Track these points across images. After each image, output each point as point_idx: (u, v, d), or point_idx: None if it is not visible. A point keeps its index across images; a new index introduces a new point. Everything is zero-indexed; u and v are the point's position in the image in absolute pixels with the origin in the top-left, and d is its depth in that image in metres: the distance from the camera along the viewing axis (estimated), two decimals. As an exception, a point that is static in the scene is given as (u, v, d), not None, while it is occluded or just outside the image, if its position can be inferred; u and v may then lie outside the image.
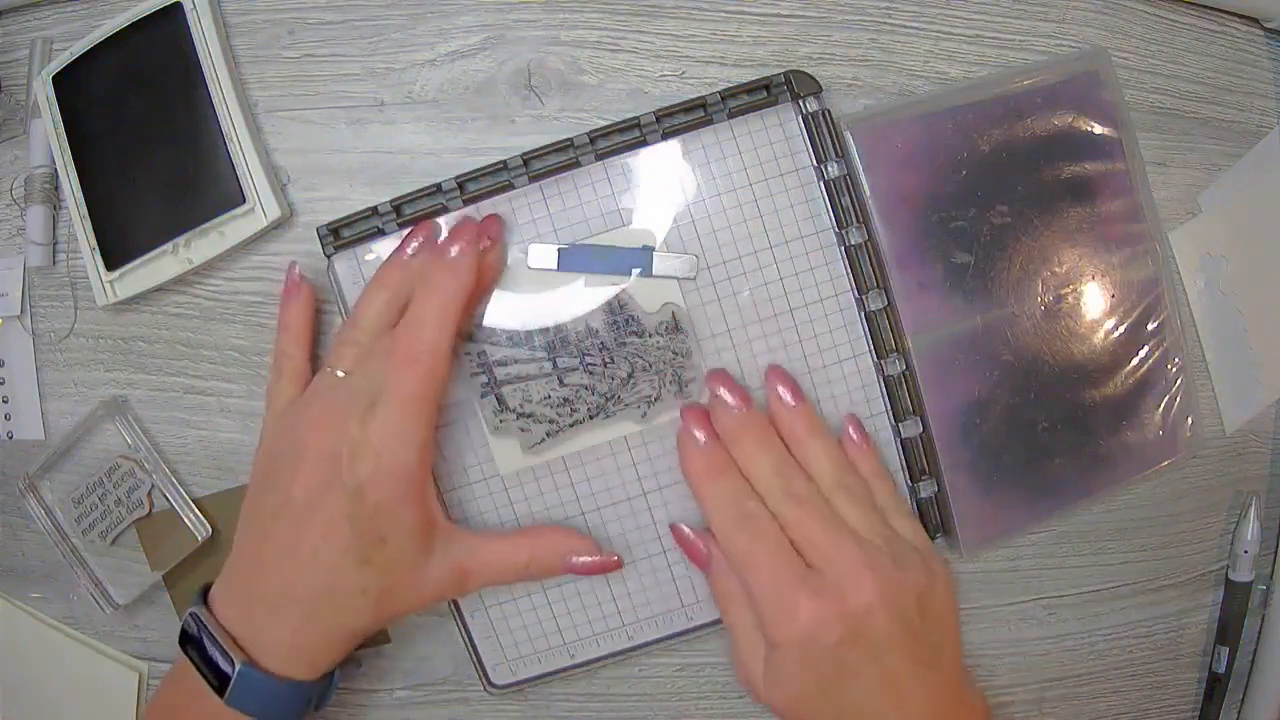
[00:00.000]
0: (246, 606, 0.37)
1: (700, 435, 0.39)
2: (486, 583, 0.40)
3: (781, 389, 0.40)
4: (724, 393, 0.39)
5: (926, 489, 0.43)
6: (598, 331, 0.41)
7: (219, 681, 0.35)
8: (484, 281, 0.40)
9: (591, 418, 0.41)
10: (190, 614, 0.37)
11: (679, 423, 0.40)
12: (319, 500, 0.36)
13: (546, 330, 0.41)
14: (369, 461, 0.35)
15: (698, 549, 0.40)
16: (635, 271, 0.41)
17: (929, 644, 0.38)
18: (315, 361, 0.41)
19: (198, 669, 0.36)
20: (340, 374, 0.38)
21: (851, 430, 0.42)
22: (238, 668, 0.35)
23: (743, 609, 0.39)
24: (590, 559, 0.40)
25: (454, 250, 0.38)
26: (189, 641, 0.37)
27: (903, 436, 0.43)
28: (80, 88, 0.41)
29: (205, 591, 0.38)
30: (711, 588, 0.41)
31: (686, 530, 0.41)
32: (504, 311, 0.41)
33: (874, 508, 0.40)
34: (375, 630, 0.38)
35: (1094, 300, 0.43)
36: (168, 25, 0.40)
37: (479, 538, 0.40)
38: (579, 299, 0.41)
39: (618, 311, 0.41)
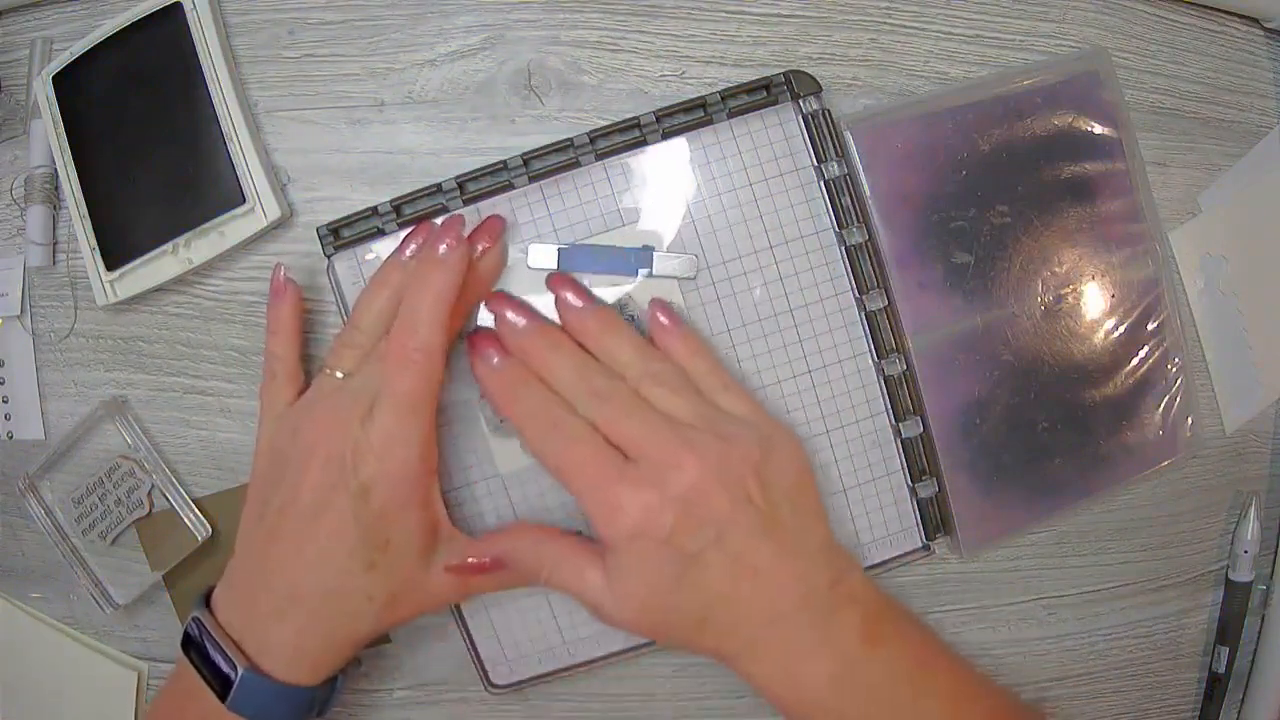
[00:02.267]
0: (249, 610, 0.37)
1: (494, 357, 0.38)
2: (490, 588, 0.40)
3: (566, 293, 0.39)
4: (509, 314, 0.38)
5: (926, 489, 0.43)
6: (598, 331, 0.41)
7: (221, 686, 0.35)
8: (482, 283, 0.40)
9: (591, 418, 0.41)
10: (192, 618, 0.37)
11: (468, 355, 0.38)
12: (324, 502, 0.36)
13: (546, 330, 0.41)
14: (372, 464, 0.35)
15: (486, 564, 0.38)
16: (635, 272, 0.41)
17: (782, 522, 0.36)
18: (306, 362, 0.41)
19: (200, 673, 0.36)
20: (339, 375, 0.38)
21: (659, 315, 0.39)
22: (240, 673, 0.35)
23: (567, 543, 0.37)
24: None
25: (441, 248, 0.37)
26: (191, 646, 0.37)
27: (903, 436, 0.43)
28: (80, 88, 0.41)
29: (207, 595, 0.38)
30: (530, 559, 0.38)
31: (472, 561, 0.38)
32: (504, 311, 0.41)
33: (690, 389, 0.38)
34: (379, 634, 0.38)
35: (1094, 300, 0.43)
36: (168, 25, 0.40)
37: (485, 537, 0.39)
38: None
39: (618, 311, 0.41)
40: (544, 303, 0.41)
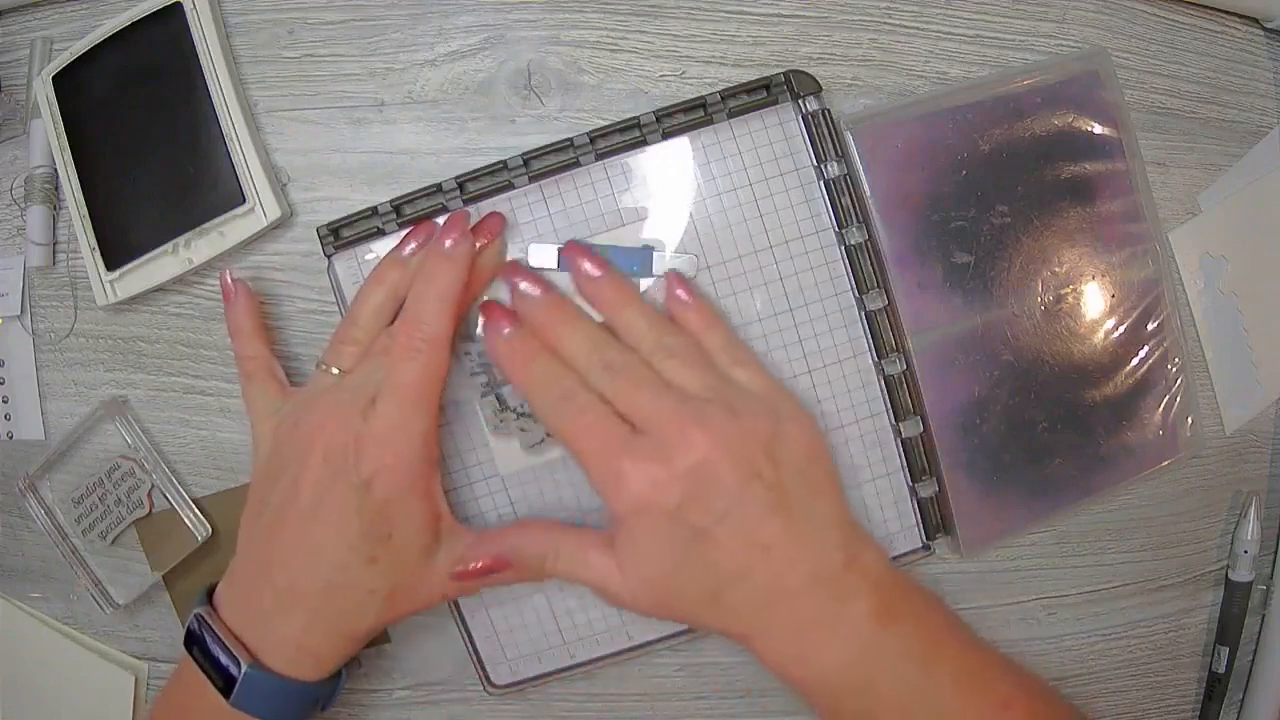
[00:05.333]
0: (252, 606, 0.37)
1: (506, 328, 0.37)
2: (495, 584, 0.40)
3: (584, 263, 0.38)
4: (522, 284, 0.38)
5: (926, 489, 0.43)
6: (598, 331, 0.41)
7: (224, 682, 0.35)
8: (482, 279, 0.40)
9: (591, 418, 0.41)
10: (195, 615, 0.37)
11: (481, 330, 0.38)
12: (326, 497, 0.36)
13: (546, 330, 0.41)
14: (374, 456, 0.35)
15: (489, 565, 0.38)
16: (635, 271, 0.41)
17: (793, 499, 0.35)
18: (302, 361, 0.41)
19: (203, 670, 0.36)
20: (336, 372, 0.38)
21: (676, 288, 0.39)
22: (244, 669, 0.35)
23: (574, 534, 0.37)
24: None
25: (448, 242, 0.38)
26: (194, 642, 0.37)
27: (903, 436, 0.43)
28: (80, 88, 0.41)
29: (210, 592, 0.38)
30: (542, 546, 0.38)
31: (476, 565, 0.38)
32: (504, 311, 0.41)
33: (704, 363, 0.37)
34: (381, 629, 0.38)
35: (1094, 300, 0.43)
36: (168, 25, 0.40)
37: (485, 536, 0.40)
38: (579, 299, 0.41)
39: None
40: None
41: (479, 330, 0.41)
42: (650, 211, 0.41)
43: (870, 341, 0.42)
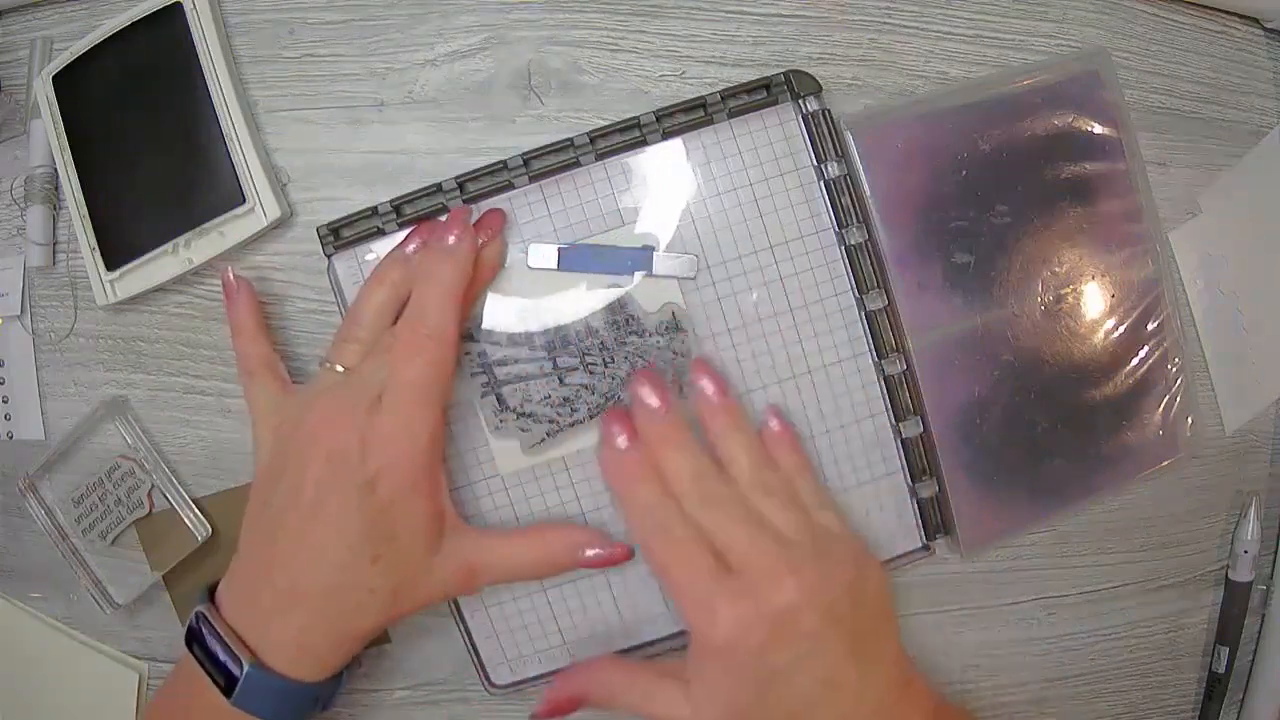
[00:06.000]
0: (253, 606, 0.37)
1: (621, 439, 0.38)
2: (496, 581, 0.40)
3: (705, 382, 0.39)
4: (646, 392, 0.39)
5: (926, 489, 0.43)
6: (598, 331, 0.41)
7: (225, 681, 0.35)
8: (483, 276, 0.40)
9: (592, 417, 0.41)
10: (196, 613, 0.37)
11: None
12: (329, 496, 0.36)
13: (547, 330, 0.41)
14: (379, 455, 0.35)
15: (563, 706, 0.39)
16: (636, 271, 0.41)
17: (865, 640, 0.36)
18: (303, 361, 0.41)
19: (203, 668, 0.36)
20: (340, 369, 0.38)
21: (773, 422, 0.40)
22: (245, 668, 0.35)
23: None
24: (600, 551, 0.39)
25: (450, 239, 0.38)
26: (194, 640, 0.36)
27: (903, 436, 0.43)
28: (80, 88, 0.41)
29: (211, 590, 0.38)
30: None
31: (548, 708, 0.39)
32: (504, 311, 0.41)
33: (796, 504, 0.38)
34: (383, 629, 0.38)
35: (1094, 300, 0.43)
36: (168, 25, 0.40)
37: (487, 535, 0.40)
38: (579, 299, 0.41)
39: (618, 311, 0.41)
40: (544, 302, 0.41)
41: (480, 329, 0.41)
42: (650, 211, 0.41)
43: (870, 341, 0.42)
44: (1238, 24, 0.45)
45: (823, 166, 0.41)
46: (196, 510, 0.43)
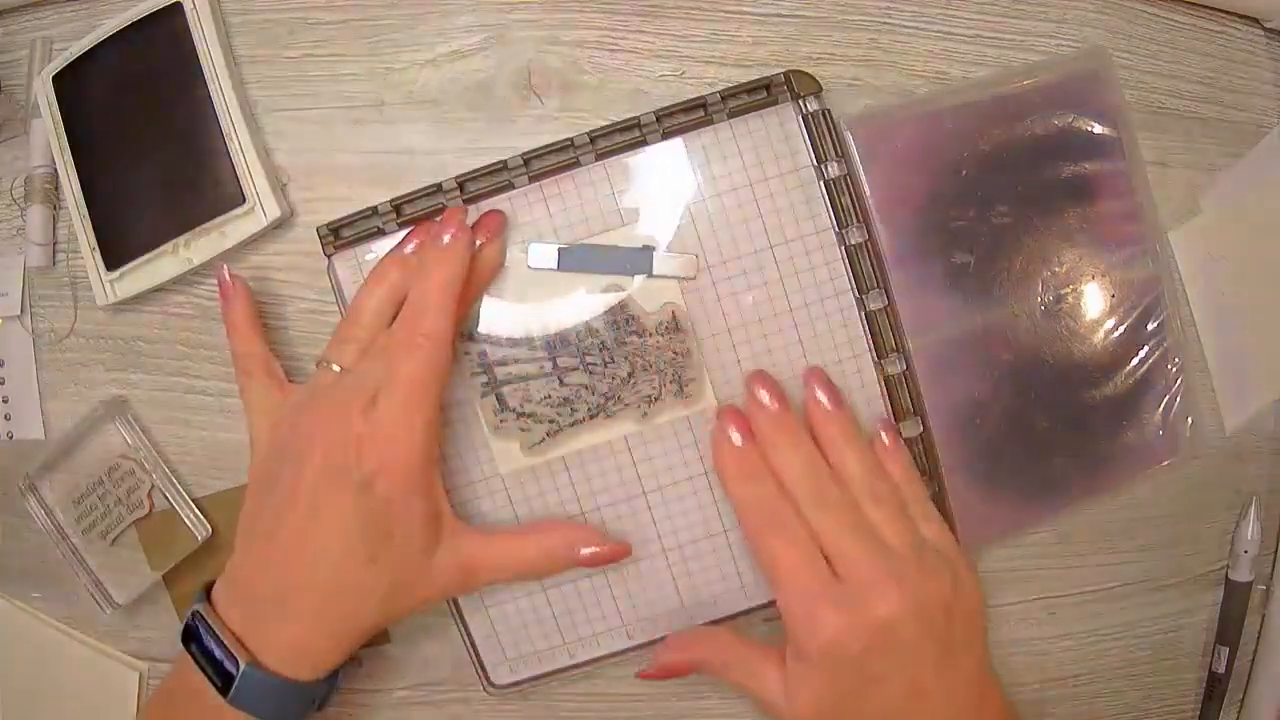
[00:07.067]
0: (250, 605, 0.37)
1: (736, 436, 0.39)
2: (494, 580, 0.40)
3: (820, 392, 0.40)
4: (762, 394, 0.39)
5: (926, 489, 0.43)
6: (598, 331, 0.41)
7: (222, 681, 0.35)
8: (483, 278, 0.40)
9: (592, 417, 0.41)
10: (193, 612, 0.37)
11: (714, 421, 0.40)
12: (325, 496, 0.36)
13: (547, 330, 0.41)
14: (375, 454, 0.35)
15: (676, 670, 0.41)
16: (635, 271, 0.41)
17: (958, 653, 0.38)
18: (301, 360, 0.41)
19: (200, 668, 0.36)
20: (337, 369, 0.38)
21: (884, 434, 0.41)
22: (242, 668, 0.35)
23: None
24: (598, 549, 0.40)
25: (445, 237, 0.38)
26: (191, 639, 0.37)
27: (903, 436, 0.43)
28: (80, 88, 0.41)
29: (208, 589, 0.38)
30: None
31: (660, 669, 0.41)
32: (504, 311, 0.41)
33: (903, 514, 0.39)
34: (381, 628, 0.38)
35: (1094, 300, 0.43)
36: (168, 25, 0.40)
37: (485, 533, 0.40)
38: (579, 299, 0.41)
39: (618, 311, 0.41)
40: (544, 302, 0.41)
41: (480, 329, 0.41)
42: (650, 211, 0.41)
43: (870, 341, 0.42)
44: (1238, 24, 0.45)
45: (823, 166, 0.41)
46: (196, 510, 0.43)
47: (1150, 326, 0.44)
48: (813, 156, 0.41)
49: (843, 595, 0.36)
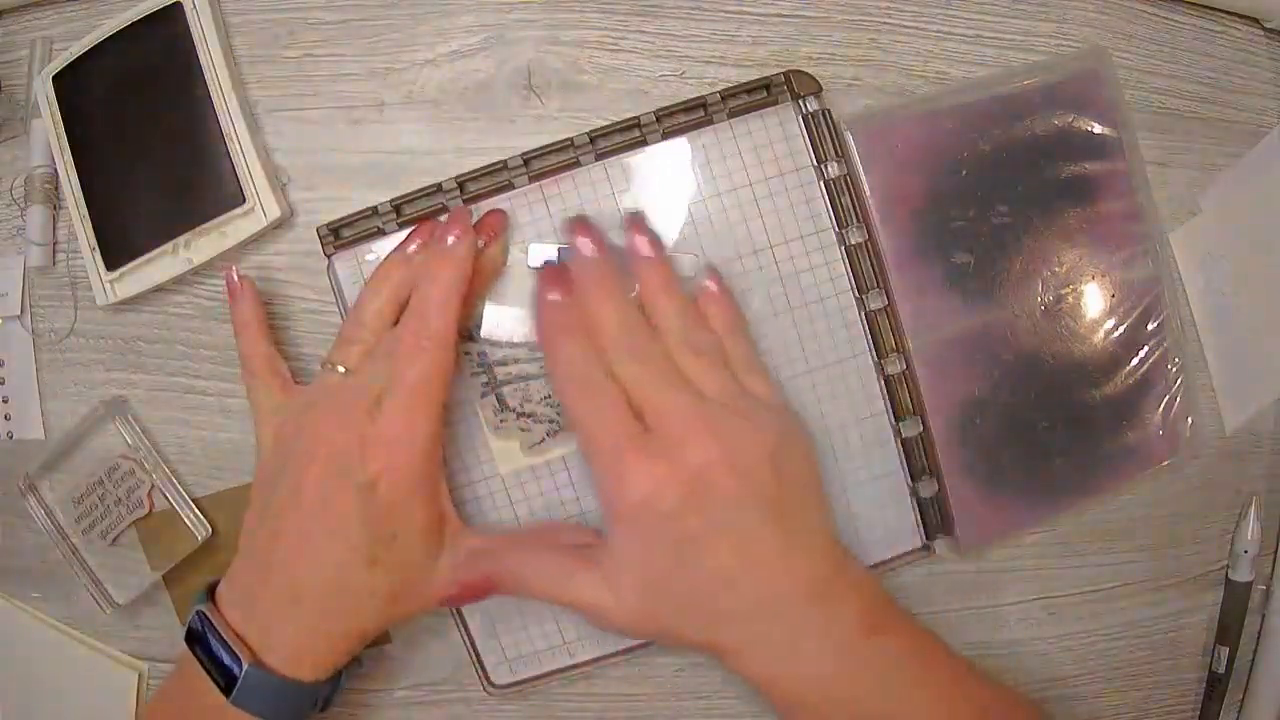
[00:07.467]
0: (253, 606, 0.37)
1: (554, 293, 0.37)
2: (505, 593, 0.39)
3: (638, 238, 0.38)
4: (582, 241, 0.37)
5: (926, 489, 0.43)
6: (598, 331, 0.41)
7: (225, 681, 0.35)
8: (484, 278, 0.40)
9: (591, 418, 0.41)
10: (196, 612, 0.37)
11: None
12: (329, 497, 0.36)
13: (546, 330, 0.41)
14: (379, 456, 0.35)
15: (474, 589, 0.38)
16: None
17: (790, 512, 0.35)
18: (302, 360, 0.41)
19: (203, 668, 0.36)
20: (342, 370, 0.38)
21: (709, 281, 0.39)
22: (245, 668, 0.35)
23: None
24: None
25: (450, 239, 0.38)
26: (195, 640, 0.37)
27: (903, 436, 0.43)
28: (80, 88, 0.41)
29: (211, 590, 0.38)
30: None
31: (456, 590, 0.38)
32: (505, 311, 0.41)
33: (722, 365, 0.37)
34: (384, 630, 0.38)
35: (1094, 300, 0.43)
36: (168, 25, 0.40)
37: (489, 539, 0.39)
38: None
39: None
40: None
41: (480, 330, 0.41)
42: (650, 211, 0.41)
43: (870, 341, 0.42)
44: (1238, 24, 0.45)
45: (822, 166, 0.41)
46: (196, 510, 0.43)
47: (1150, 326, 0.44)
48: (813, 156, 0.41)
49: (653, 446, 0.34)
